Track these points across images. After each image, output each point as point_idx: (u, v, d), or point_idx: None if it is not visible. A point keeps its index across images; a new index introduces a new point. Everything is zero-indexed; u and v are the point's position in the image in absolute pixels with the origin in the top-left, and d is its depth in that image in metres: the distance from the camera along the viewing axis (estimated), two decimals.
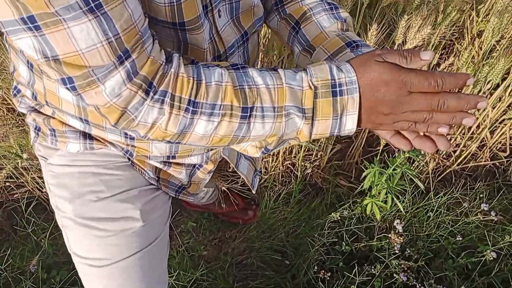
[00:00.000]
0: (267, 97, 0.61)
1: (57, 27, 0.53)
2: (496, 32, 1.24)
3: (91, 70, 0.56)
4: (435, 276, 1.54)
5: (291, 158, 1.77)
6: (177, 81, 0.59)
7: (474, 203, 1.65)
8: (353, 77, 0.60)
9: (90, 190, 0.86)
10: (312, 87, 0.61)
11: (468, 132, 1.71)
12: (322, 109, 0.62)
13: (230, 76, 0.61)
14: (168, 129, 0.61)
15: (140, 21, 0.57)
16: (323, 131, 0.63)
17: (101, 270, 0.88)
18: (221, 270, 1.62)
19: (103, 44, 0.55)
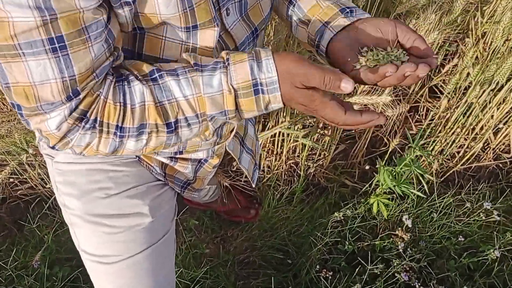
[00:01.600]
0: (188, 108, 0.64)
1: (14, 59, 0.54)
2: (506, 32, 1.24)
3: (39, 104, 0.58)
4: (437, 276, 1.54)
5: (294, 157, 1.77)
6: (105, 108, 0.62)
7: (477, 204, 1.65)
8: (273, 77, 0.62)
9: (98, 187, 0.86)
10: (232, 91, 0.63)
11: (471, 133, 1.71)
12: (246, 105, 0.65)
13: (151, 94, 0.63)
14: (100, 150, 0.65)
15: (99, 61, 0.60)
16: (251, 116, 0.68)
17: (110, 267, 0.88)
18: (223, 268, 1.62)
19: (57, 81, 0.57)
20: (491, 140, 1.78)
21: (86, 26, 0.56)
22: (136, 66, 0.65)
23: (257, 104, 0.64)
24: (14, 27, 0.52)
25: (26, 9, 0.51)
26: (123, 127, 0.63)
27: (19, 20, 0.51)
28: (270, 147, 1.74)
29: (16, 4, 0.50)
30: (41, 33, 0.53)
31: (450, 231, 1.61)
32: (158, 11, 0.61)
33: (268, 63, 0.62)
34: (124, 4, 0.58)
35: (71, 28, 0.54)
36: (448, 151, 1.74)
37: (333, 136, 1.68)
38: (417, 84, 1.72)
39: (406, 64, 0.62)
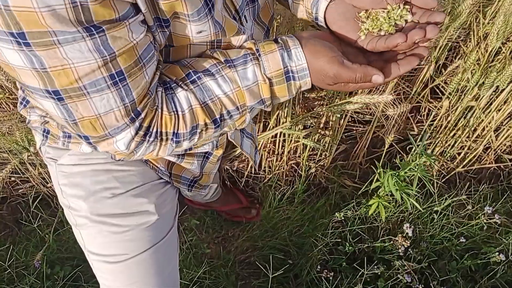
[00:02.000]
0: (229, 102, 0.69)
1: (79, 99, 0.59)
2: (501, 35, 1.24)
3: (107, 132, 0.64)
4: (438, 277, 1.54)
5: (296, 157, 1.77)
6: (162, 120, 0.67)
7: (478, 206, 1.65)
8: (303, 64, 0.66)
9: (104, 187, 0.87)
10: (267, 80, 0.67)
11: (473, 134, 1.70)
12: (280, 92, 0.70)
13: (195, 97, 0.67)
14: (160, 154, 0.71)
15: (152, 81, 0.64)
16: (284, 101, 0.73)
17: (118, 265, 0.89)
18: (223, 268, 1.62)
19: (120, 108, 0.61)
20: (492, 141, 1.77)
21: (140, 54, 0.60)
22: (171, 71, 0.69)
23: (288, 89, 0.69)
24: (77, 71, 0.56)
25: (87, 53, 0.54)
26: (178, 132, 0.69)
27: (81, 64, 0.55)
28: (271, 147, 1.74)
29: (77, 50, 0.53)
30: (102, 72, 0.57)
31: (451, 232, 1.61)
32: (190, 34, 0.66)
33: (297, 51, 0.66)
34: (158, 27, 0.62)
35: (129, 61, 0.59)
36: (449, 153, 1.74)
37: (334, 137, 1.68)
38: (419, 84, 1.72)
39: (414, 30, 0.61)
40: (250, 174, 1.81)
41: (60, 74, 0.55)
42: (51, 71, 0.55)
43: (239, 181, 1.83)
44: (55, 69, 0.55)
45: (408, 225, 1.47)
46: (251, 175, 1.82)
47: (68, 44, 0.53)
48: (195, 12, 0.62)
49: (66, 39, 0.52)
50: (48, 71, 0.55)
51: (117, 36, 0.55)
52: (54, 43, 0.52)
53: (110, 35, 0.55)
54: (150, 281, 0.92)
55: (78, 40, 0.53)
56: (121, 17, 0.55)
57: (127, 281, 0.91)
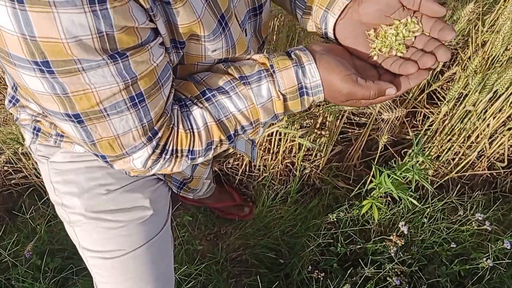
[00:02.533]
0: (243, 119, 0.69)
1: (99, 120, 0.59)
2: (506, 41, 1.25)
3: (124, 151, 0.64)
4: (427, 282, 1.55)
5: (291, 157, 1.77)
6: (177, 137, 0.68)
7: (469, 212, 1.67)
8: (317, 81, 0.67)
9: (98, 183, 0.87)
10: (281, 97, 0.68)
11: (467, 140, 1.72)
12: (293, 106, 0.70)
13: (210, 115, 0.68)
14: (173, 170, 0.72)
15: (168, 99, 0.65)
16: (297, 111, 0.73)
17: (114, 261, 0.90)
18: (215, 265, 1.62)
19: (138, 128, 0.62)
20: (486, 148, 1.79)
21: (159, 75, 0.61)
22: (186, 88, 0.70)
23: (302, 104, 0.69)
24: (99, 95, 0.56)
25: (109, 77, 0.55)
26: (193, 150, 0.69)
27: (103, 88, 0.56)
28: (267, 145, 1.74)
29: (101, 75, 0.54)
30: (123, 95, 0.58)
31: (442, 237, 1.62)
32: (203, 53, 0.67)
33: (311, 67, 0.66)
34: (173, 49, 0.63)
35: (149, 83, 0.59)
36: (444, 158, 1.75)
37: (330, 137, 1.68)
38: (415, 89, 1.73)
39: (427, 57, 0.62)
40: (244, 172, 1.82)
41: (82, 99, 0.56)
42: (73, 96, 0.55)
43: (233, 178, 1.83)
44: (77, 94, 0.55)
45: (403, 223, 1.48)
46: (245, 173, 1.82)
47: (91, 70, 0.53)
48: (211, 33, 0.63)
49: (91, 66, 0.53)
50: (70, 96, 0.55)
51: (139, 61, 0.56)
52: (78, 70, 0.53)
53: (133, 60, 0.56)
54: (146, 276, 0.93)
55: (102, 66, 0.53)
56: (144, 42, 0.56)
57: (123, 276, 0.91)
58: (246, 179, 1.83)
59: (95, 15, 0.49)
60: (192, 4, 0.58)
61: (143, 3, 0.53)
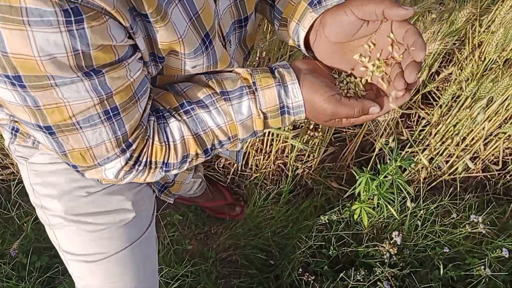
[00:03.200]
0: (221, 134, 0.69)
1: (71, 133, 0.58)
2: (499, 47, 1.22)
3: (96, 162, 0.63)
4: (420, 286, 1.53)
5: (283, 157, 1.75)
6: (152, 149, 0.67)
7: (463, 214, 1.65)
8: (300, 101, 0.66)
9: (79, 186, 0.85)
10: (261, 115, 0.67)
11: (462, 143, 1.70)
12: (273, 124, 0.69)
13: (187, 128, 0.67)
14: (147, 180, 0.71)
15: (144, 112, 0.64)
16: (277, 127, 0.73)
17: (95, 265, 0.88)
18: (204, 266, 1.60)
19: (111, 140, 0.61)
20: (480, 151, 1.77)
21: (135, 90, 0.59)
22: (164, 99, 0.68)
23: (282, 122, 0.69)
24: (72, 109, 0.55)
25: (84, 92, 0.54)
26: (168, 162, 0.68)
27: (77, 103, 0.54)
28: (259, 146, 1.71)
29: (74, 90, 0.53)
30: (97, 109, 0.56)
31: (435, 240, 1.60)
32: (183, 67, 0.65)
33: (294, 87, 0.65)
34: (152, 62, 0.62)
35: (124, 97, 0.58)
36: (437, 160, 1.73)
37: (323, 138, 1.66)
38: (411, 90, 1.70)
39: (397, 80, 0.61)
40: (236, 171, 1.79)
41: (54, 112, 0.55)
42: (45, 108, 0.54)
43: (225, 178, 1.81)
44: (49, 107, 0.54)
45: (397, 233, 1.46)
46: (237, 172, 1.79)
47: (65, 86, 0.52)
48: (192, 52, 0.62)
49: (64, 82, 0.52)
50: (42, 108, 0.54)
51: (115, 77, 0.55)
52: (51, 85, 0.52)
53: (109, 76, 0.54)
54: (129, 279, 0.91)
55: (76, 82, 0.52)
56: (121, 58, 0.55)
57: (106, 280, 0.89)
58: (238, 178, 1.81)
59: (71, 34, 0.48)
60: (175, 24, 0.57)
61: (123, 21, 0.51)
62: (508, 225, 1.74)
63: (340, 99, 0.63)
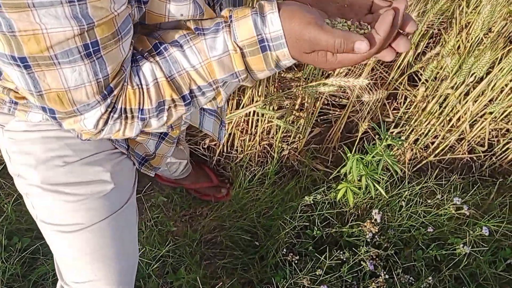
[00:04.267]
0: (198, 77, 0.63)
1: (48, 68, 0.54)
2: (485, 25, 1.21)
3: (75, 108, 0.59)
4: (403, 266, 1.54)
5: (269, 138, 1.74)
6: (126, 95, 0.63)
7: (447, 195, 1.65)
8: (278, 32, 0.58)
9: (55, 155, 0.83)
10: (238, 50, 0.60)
11: (448, 124, 1.69)
12: (255, 65, 0.62)
13: (160, 69, 0.62)
14: (126, 134, 0.67)
15: (127, 56, 0.60)
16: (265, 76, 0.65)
17: (73, 235, 0.86)
18: (188, 247, 1.59)
19: (92, 83, 0.57)
20: (466, 132, 1.77)
21: (119, 26, 0.55)
22: (139, 42, 0.64)
23: (265, 62, 0.61)
24: (50, 38, 0.51)
25: (63, 19, 0.50)
26: (143, 109, 0.64)
27: (55, 31, 0.51)
28: (244, 126, 1.70)
29: (53, 16, 0.49)
30: (77, 41, 0.53)
31: (419, 221, 1.60)
32: (167, 14, 0.61)
33: (273, 17, 0.58)
34: (136, 2, 0.58)
35: (106, 32, 0.54)
36: (423, 141, 1.73)
37: (309, 119, 1.64)
38: (396, 71, 1.69)
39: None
40: (222, 153, 1.78)
41: (30, 40, 0.51)
42: (20, 35, 0.51)
43: (211, 159, 1.79)
44: (25, 34, 0.50)
45: (377, 211, 1.46)
46: (222, 153, 1.78)
47: (43, 8, 0.48)
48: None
49: (42, 2, 0.48)
50: (17, 35, 0.50)
51: (98, 6, 0.52)
52: (28, 5, 0.48)
53: (91, 4, 0.51)
54: (106, 251, 0.90)
55: (55, 5, 0.49)
56: None
57: (82, 250, 0.88)
58: (224, 160, 1.80)
59: None
60: None
61: None
62: (492, 206, 1.75)
63: (322, 25, 0.56)
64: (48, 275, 1.46)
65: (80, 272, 0.91)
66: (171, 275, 1.52)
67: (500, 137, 1.83)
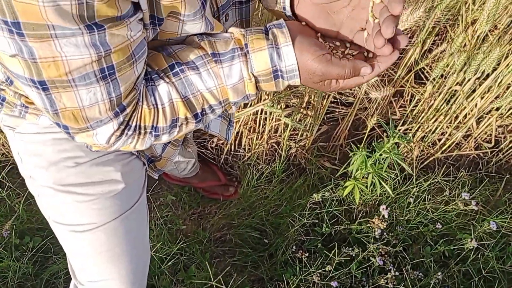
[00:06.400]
0: (212, 97, 0.66)
1: (65, 90, 0.56)
2: (491, 18, 1.21)
3: (89, 124, 0.62)
4: (412, 262, 1.54)
5: (276, 136, 1.75)
6: (141, 113, 0.65)
7: (455, 192, 1.66)
8: (293, 66, 0.63)
9: (66, 156, 0.84)
10: (253, 79, 0.65)
11: (454, 121, 1.70)
12: (267, 88, 0.67)
13: (176, 91, 0.65)
14: (137, 147, 0.70)
15: (140, 75, 0.62)
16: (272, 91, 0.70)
17: (86, 235, 0.87)
18: (198, 245, 1.60)
19: (105, 102, 0.59)
20: (473, 128, 1.77)
21: (133, 50, 0.58)
22: (154, 60, 0.66)
23: (276, 86, 0.66)
24: (69, 65, 0.53)
25: (83, 48, 0.53)
26: (157, 126, 0.67)
27: (74, 58, 0.53)
28: (252, 125, 1.71)
29: (73, 44, 0.52)
30: (94, 66, 0.55)
31: (427, 217, 1.61)
32: (179, 31, 0.64)
33: (288, 50, 0.63)
34: (151, 25, 0.61)
35: (122, 57, 0.57)
36: (430, 138, 1.73)
37: (316, 117, 1.65)
38: (403, 68, 1.70)
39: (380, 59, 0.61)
40: (229, 151, 1.79)
41: (50, 66, 0.53)
42: (41, 62, 0.52)
43: (218, 158, 1.80)
44: (45, 61, 0.52)
45: (384, 207, 1.47)
46: (230, 152, 1.79)
47: (64, 38, 0.51)
48: (192, 13, 0.61)
49: (65, 33, 0.50)
50: (38, 61, 0.52)
51: (115, 34, 0.54)
52: (51, 36, 0.50)
53: (109, 32, 0.53)
54: (118, 250, 0.91)
55: (76, 35, 0.51)
56: (123, 16, 0.54)
57: (94, 250, 0.89)
58: (231, 159, 1.81)
59: None
60: None
61: None
62: (500, 202, 1.75)
63: (331, 58, 0.61)
64: (60, 273, 1.47)
65: (93, 271, 0.93)
66: (182, 273, 1.53)
67: (506, 133, 1.84)
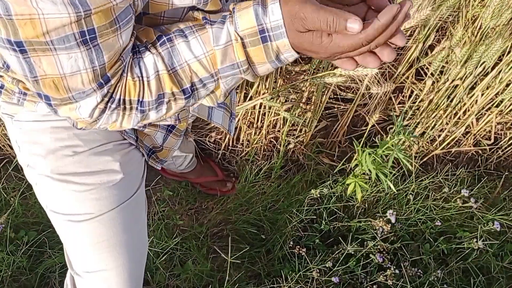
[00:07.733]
0: (201, 69, 0.63)
1: (44, 53, 0.54)
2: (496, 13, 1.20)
3: (70, 95, 0.59)
4: (410, 259, 1.53)
5: (275, 132, 1.73)
6: (125, 85, 0.63)
7: (454, 189, 1.65)
8: (279, 21, 0.58)
9: (65, 145, 0.82)
10: (239, 39, 0.60)
11: (454, 117, 1.69)
12: (256, 56, 0.62)
13: (162, 62, 0.62)
14: (123, 126, 0.67)
15: (126, 46, 0.59)
16: (266, 71, 0.64)
17: (83, 225, 0.86)
18: (195, 240, 1.59)
19: (87, 71, 0.57)
20: (473, 125, 1.76)
21: (117, 16, 0.55)
22: (144, 33, 0.64)
23: (266, 53, 0.61)
24: (46, 24, 0.51)
25: (60, 5, 0.50)
26: (143, 101, 0.64)
27: (52, 17, 0.51)
28: (251, 119, 1.69)
29: (50, 0, 0.49)
30: (73, 28, 0.52)
31: (426, 214, 1.60)
32: (170, 2, 0.61)
33: (274, 6, 0.58)
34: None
35: (104, 21, 0.54)
36: (429, 134, 1.72)
37: (315, 112, 1.64)
38: (404, 64, 1.69)
39: None
40: (227, 146, 1.77)
41: (27, 24, 0.51)
42: (17, 19, 0.50)
43: (216, 153, 1.79)
44: (21, 18, 0.50)
45: (391, 212, 1.45)
46: (228, 147, 1.78)
47: None
48: None
49: None
50: (13, 18, 0.50)
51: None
52: None
53: None
54: (115, 241, 0.90)
55: None
56: None
57: (91, 240, 0.88)
58: (229, 154, 1.79)
59: None
60: None
61: None
62: (498, 200, 1.75)
63: (316, 3, 0.56)
64: (55, 267, 1.46)
65: (90, 261, 0.92)
66: (179, 268, 1.51)
67: (506, 130, 1.83)
